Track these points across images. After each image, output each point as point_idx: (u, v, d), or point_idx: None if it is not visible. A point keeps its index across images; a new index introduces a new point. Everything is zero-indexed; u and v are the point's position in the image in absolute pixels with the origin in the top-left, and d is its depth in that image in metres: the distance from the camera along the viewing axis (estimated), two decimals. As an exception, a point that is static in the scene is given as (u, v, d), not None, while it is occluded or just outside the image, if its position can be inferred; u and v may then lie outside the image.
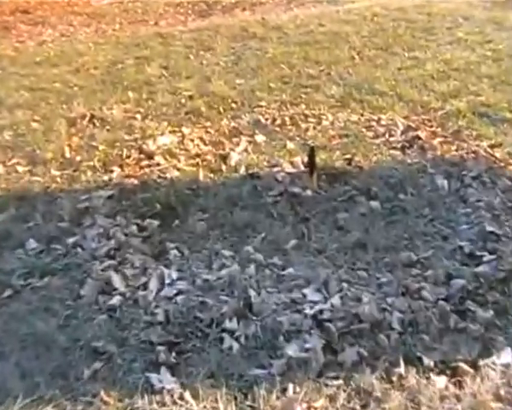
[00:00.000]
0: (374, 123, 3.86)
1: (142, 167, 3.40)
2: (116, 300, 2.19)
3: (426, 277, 2.23)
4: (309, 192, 2.99)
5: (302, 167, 3.29)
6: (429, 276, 2.23)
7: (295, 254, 2.48)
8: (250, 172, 3.26)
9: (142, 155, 3.55)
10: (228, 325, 2.00)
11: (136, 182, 3.21)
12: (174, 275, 2.33)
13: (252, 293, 2.15)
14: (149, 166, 3.41)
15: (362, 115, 4.00)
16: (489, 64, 5.03)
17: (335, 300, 2.07)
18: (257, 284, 2.24)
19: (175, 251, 2.51)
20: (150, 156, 3.52)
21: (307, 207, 2.85)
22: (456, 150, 3.39)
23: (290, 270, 2.33)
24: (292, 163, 3.35)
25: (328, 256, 2.43)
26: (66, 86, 4.97)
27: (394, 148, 3.48)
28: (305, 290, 2.16)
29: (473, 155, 3.32)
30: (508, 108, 3.97)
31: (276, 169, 3.28)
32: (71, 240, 2.66)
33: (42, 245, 2.65)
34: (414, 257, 2.37)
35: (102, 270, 2.39)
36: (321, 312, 2.03)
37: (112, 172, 3.36)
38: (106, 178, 3.29)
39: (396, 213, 2.78)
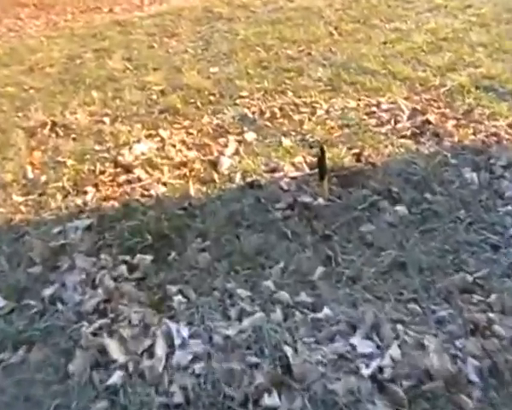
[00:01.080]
0: (374, 108, 3.46)
1: (120, 185, 2.90)
2: (117, 376, 1.73)
3: (490, 304, 1.86)
4: (321, 201, 2.57)
5: (307, 169, 2.87)
6: (494, 303, 1.87)
7: (325, 286, 2.07)
8: (248, 180, 2.81)
9: (118, 169, 3.04)
10: (267, 401, 1.58)
11: (116, 205, 2.71)
12: (184, 332, 1.88)
13: (287, 350, 1.73)
14: (129, 182, 2.92)
15: (359, 100, 3.59)
16: (477, 31, 4.69)
17: (394, 350, 1.68)
18: (290, 336, 1.82)
19: (179, 296, 2.06)
20: (128, 170, 3.02)
21: (324, 221, 2.44)
22: (474, 134, 3.03)
23: (326, 310, 1.92)
24: (294, 165, 2.92)
25: (367, 286, 2.03)
26: (21, 89, 4.36)
27: (404, 136, 3.09)
28: (353, 339, 1.76)
29: (494, 138, 2.96)
30: (514, 80, 3.63)
31: (277, 174, 2.85)
32: (47, 292, 2.17)
33: (11, 302, 2.15)
34: (469, 278, 1.99)
35: (93, 333, 1.92)
36: (380, 370, 1.63)
37: (85, 193, 2.85)
38: (79, 201, 2.79)
39: (428, 220, 2.40)
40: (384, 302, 1.94)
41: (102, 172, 3.02)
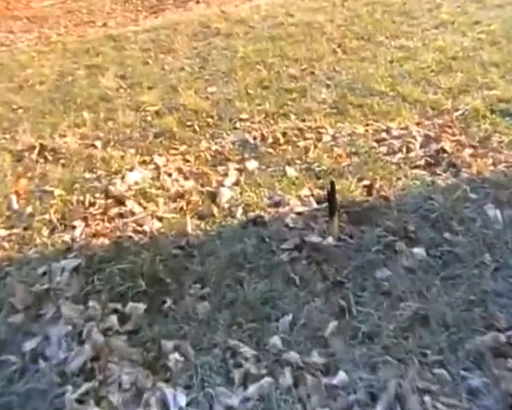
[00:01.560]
0: (384, 134, 3.25)
1: (111, 219, 2.68)
2: (104, 457, 1.51)
3: (529, 372, 1.65)
4: (331, 241, 2.36)
5: (314, 203, 2.66)
6: (533, 369, 1.65)
7: (339, 344, 1.84)
8: (251, 216, 2.59)
9: (109, 201, 2.82)
10: None
11: (107, 242, 2.49)
12: (182, 399, 1.66)
13: (299, 426, 1.51)
14: (121, 215, 2.70)
15: (367, 125, 3.39)
16: (488, 49, 4.50)
17: (423, 430, 1.46)
18: (301, 405, 1.60)
19: (175, 355, 1.83)
20: (120, 201, 2.81)
21: (336, 265, 2.22)
22: (494, 165, 2.82)
23: (341, 375, 1.70)
24: (300, 198, 2.71)
25: (387, 345, 1.81)
26: (9, 109, 4.15)
27: (418, 166, 2.88)
28: (374, 414, 1.54)
29: (515, 169, 2.77)
30: (531, 105, 3.44)
31: (282, 209, 2.63)
32: (28, 346, 1.94)
33: (-12, 357, 1.93)
34: (501, 337, 1.78)
35: (78, 400, 1.69)
36: (408, 455, 1.41)
37: (74, 228, 2.63)
38: (67, 237, 2.56)
39: (450, 264, 2.19)
40: (407, 366, 1.72)
41: (92, 204, 2.80)
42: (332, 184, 2.38)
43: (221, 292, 2.12)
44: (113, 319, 2.01)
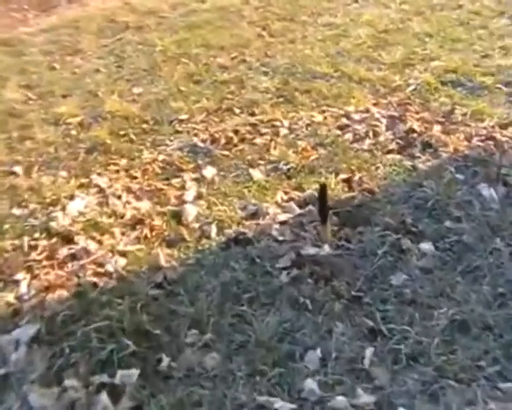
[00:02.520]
0: (345, 120, 3.04)
1: (63, 263, 2.21)
2: None
3: None
4: (328, 249, 2.10)
5: (296, 208, 2.38)
6: None
7: (384, 373, 1.59)
8: (229, 233, 2.25)
9: (54, 240, 2.34)
10: None
11: (66, 295, 2.04)
12: None
13: None
14: (73, 257, 2.23)
15: (323, 112, 3.15)
16: (415, 20, 4.44)
17: None
18: None
19: (197, 431, 1.49)
20: (68, 239, 2.33)
21: (345, 278, 1.96)
22: (467, 140, 2.71)
23: (402, 415, 1.45)
24: (278, 204, 2.42)
25: (437, 365, 1.59)
26: None
27: (391, 151, 2.70)
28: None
29: (491, 142, 2.66)
30: (479, 72, 3.39)
31: (262, 221, 2.32)
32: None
33: None
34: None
35: None
36: None
37: (17, 283, 2.13)
38: (11, 297, 2.06)
39: (463, 256, 2.01)
40: (469, 386, 1.51)
41: (34, 248, 2.30)
42: (322, 187, 2.11)
43: (226, 335, 1.78)
44: (103, 397, 1.60)
